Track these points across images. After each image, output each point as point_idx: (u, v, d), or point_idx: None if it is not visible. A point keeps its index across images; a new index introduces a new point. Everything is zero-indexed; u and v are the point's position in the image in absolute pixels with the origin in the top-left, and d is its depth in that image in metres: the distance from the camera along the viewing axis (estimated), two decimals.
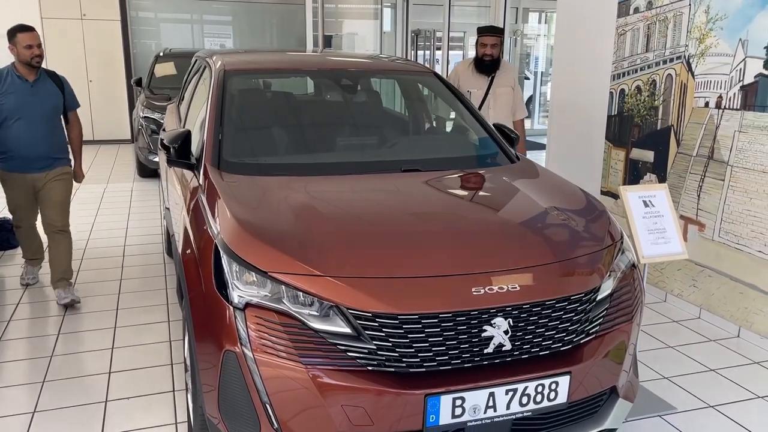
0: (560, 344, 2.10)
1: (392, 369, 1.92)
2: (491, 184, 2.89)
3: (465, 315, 1.96)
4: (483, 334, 1.98)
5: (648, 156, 4.41)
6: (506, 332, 2.00)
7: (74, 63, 10.19)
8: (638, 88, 4.47)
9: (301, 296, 1.96)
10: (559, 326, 2.09)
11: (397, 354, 1.92)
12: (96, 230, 5.76)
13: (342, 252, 2.07)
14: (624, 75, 4.61)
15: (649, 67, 4.36)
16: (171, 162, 2.90)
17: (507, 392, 1.98)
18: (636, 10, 4.46)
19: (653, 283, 4.33)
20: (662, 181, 4.21)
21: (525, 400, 2.01)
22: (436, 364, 1.95)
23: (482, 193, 2.85)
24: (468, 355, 1.98)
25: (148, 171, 7.87)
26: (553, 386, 2.03)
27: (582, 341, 2.14)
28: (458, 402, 1.94)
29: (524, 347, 2.04)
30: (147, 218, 6.16)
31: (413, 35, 11.00)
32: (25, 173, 3.94)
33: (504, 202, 2.67)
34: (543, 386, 2.02)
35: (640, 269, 2.67)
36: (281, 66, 3.89)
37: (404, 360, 1.93)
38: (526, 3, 12.57)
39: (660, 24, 4.25)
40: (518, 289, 2.02)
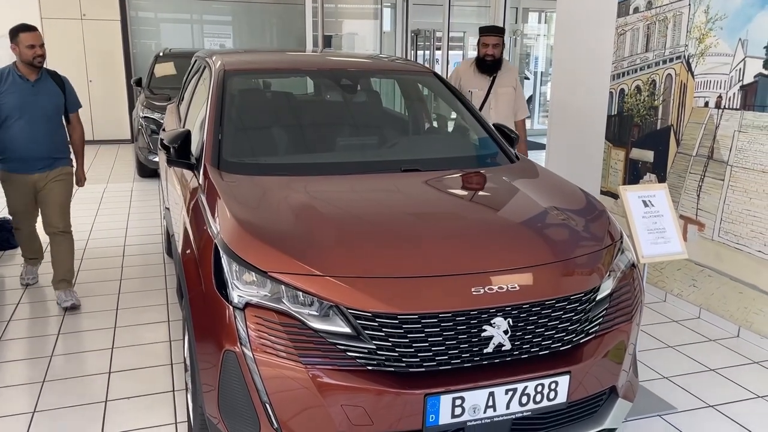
0: (560, 344, 2.10)
1: (392, 369, 1.92)
2: (491, 184, 2.89)
3: (465, 315, 1.96)
4: (483, 334, 1.98)
5: (648, 156, 4.41)
6: (506, 332, 2.00)
7: (74, 63, 10.19)
8: (638, 88, 4.47)
9: (301, 296, 1.96)
10: (559, 326, 2.09)
11: (397, 354, 1.92)
12: (96, 230, 5.76)
13: (342, 252, 2.08)
14: (624, 75, 4.61)
15: (649, 67, 4.36)
16: (171, 162, 2.90)
17: (507, 392, 1.98)
18: (636, 10, 4.46)
19: (653, 283, 4.33)
20: (662, 181, 4.21)
21: (525, 400, 2.01)
22: (436, 364, 1.95)
23: (482, 193, 2.85)
24: (468, 355, 1.98)
25: (148, 171, 7.88)
26: (553, 386, 2.03)
27: (582, 341, 2.14)
28: (458, 402, 1.94)
29: (524, 347, 2.04)
30: (147, 218, 6.16)
31: (413, 35, 11.00)
32: (27, 174, 3.93)
33: (504, 202, 2.67)
34: (542, 386, 2.02)
35: (640, 269, 2.67)
36: (281, 66, 3.89)
37: (404, 360, 1.93)
38: (526, 3, 12.58)
39: (660, 24, 4.25)
40: (518, 289, 2.02)
